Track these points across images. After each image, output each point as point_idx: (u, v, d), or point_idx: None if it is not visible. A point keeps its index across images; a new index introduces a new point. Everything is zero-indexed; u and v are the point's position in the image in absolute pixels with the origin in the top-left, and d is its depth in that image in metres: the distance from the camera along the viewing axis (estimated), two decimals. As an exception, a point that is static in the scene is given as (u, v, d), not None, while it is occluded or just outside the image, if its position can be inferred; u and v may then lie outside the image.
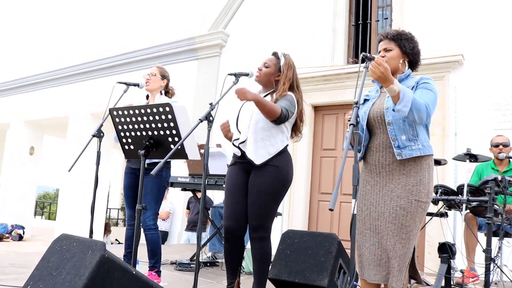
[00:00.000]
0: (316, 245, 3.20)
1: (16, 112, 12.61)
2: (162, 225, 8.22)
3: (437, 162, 4.00)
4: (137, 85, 3.52)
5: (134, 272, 1.79)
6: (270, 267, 3.12)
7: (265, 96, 2.94)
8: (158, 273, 3.47)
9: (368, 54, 2.34)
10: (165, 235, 8.23)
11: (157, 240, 3.48)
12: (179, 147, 2.60)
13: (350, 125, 2.04)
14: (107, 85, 9.98)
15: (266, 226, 2.86)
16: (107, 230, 10.76)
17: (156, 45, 9.20)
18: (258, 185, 2.80)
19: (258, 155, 2.82)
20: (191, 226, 7.82)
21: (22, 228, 11.87)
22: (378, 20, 7.00)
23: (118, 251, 3.55)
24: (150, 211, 3.41)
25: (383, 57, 2.42)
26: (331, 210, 1.77)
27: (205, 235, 6.12)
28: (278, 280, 3.21)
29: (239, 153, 2.90)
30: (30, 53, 13.05)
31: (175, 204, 8.44)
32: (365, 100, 2.55)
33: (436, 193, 3.89)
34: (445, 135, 5.92)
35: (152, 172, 2.31)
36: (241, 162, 2.92)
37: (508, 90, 5.64)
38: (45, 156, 14.14)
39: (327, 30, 7.18)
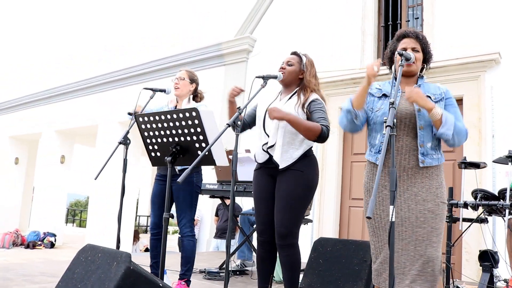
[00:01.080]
0: (350, 253, 3.06)
1: (47, 122, 12.86)
2: (190, 232, 8.17)
3: (476, 165, 3.81)
4: (163, 90, 3.47)
5: (161, 285, 1.70)
6: (301, 275, 3.02)
7: (290, 97, 2.85)
8: (188, 282, 3.39)
9: (404, 52, 2.22)
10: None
11: (192, 248, 3.41)
12: (207, 153, 2.52)
13: (386, 126, 1.92)
14: (135, 93, 10.06)
15: (293, 232, 2.76)
16: (136, 237, 10.79)
17: (183, 52, 9.21)
18: (284, 191, 2.72)
19: (283, 159, 2.74)
20: (220, 233, 7.75)
21: (54, 235, 12.04)
22: (408, 20, 6.80)
23: (147, 259, 3.50)
24: (185, 219, 3.36)
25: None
26: (368, 218, 1.65)
27: (234, 243, 6.03)
28: (311, 291, 3.08)
29: (264, 159, 2.81)
30: (60, 63, 13.31)
31: (203, 211, 8.39)
32: (383, 95, 2.41)
33: (476, 198, 3.69)
34: (482, 138, 5.68)
35: (179, 180, 2.23)
36: (266, 167, 2.84)
37: (548, 89, 5.39)
38: (75, 165, 14.36)
39: (355, 32, 7.03)
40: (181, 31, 9.89)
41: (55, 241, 11.95)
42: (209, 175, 5.80)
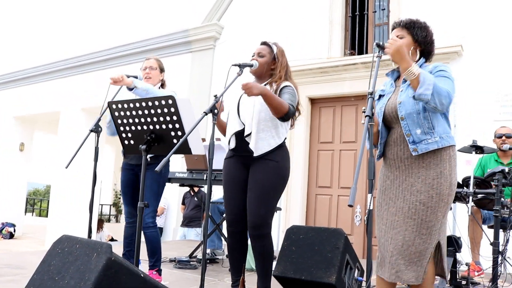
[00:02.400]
0: (322, 240, 3.10)
1: (6, 108, 12.37)
2: (157, 221, 8.10)
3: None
4: (135, 77, 3.39)
5: (142, 275, 1.69)
6: (274, 264, 3.05)
7: (265, 85, 2.85)
8: (159, 271, 3.37)
9: (381, 42, 2.25)
10: (160, 231, 8.12)
11: (156, 239, 3.39)
12: (183, 142, 2.49)
13: (365, 116, 1.95)
14: (100, 79, 9.81)
15: (267, 223, 2.78)
16: (100, 226, 10.61)
17: (149, 38, 9.04)
18: (258, 181, 2.73)
19: (258, 147, 2.74)
20: (187, 221, 7.70)
21: (13, 225, 11.70)
22: (375, 11, 6.90)
23: (115, 249, 3.44)
24: (149, 208, 3.30)
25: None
26: (350, 206, 1.68)
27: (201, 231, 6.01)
28: (284, 278, 3.11)
29: (233, 145, 2.81)
30: (20, 47, 12.81)
31: (169, 200, 8.32)
32: (380, 96, 2.46)
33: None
34: (445, 127, 5.85)
35: (157, 168, 2.20)
36: (239, 155, 2.83)
37: (508, 81, 5.60)
38: (36, 152, 13.92)
39: (323, 21, 7.07)
40: (148, 16, 9.69)
41: (14, 231, 11.63)
42: (178, 164, 5.75)
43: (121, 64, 9.34)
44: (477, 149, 3.73)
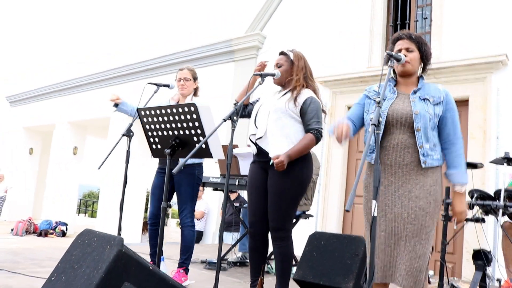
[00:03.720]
0: (343, 247, 3.15)
1: (61, 114, 13.09)
2: (197, 225, 8.29)
3: (473, 166, 3.86)
4: (167, 85, 3.58)
5: (150, 268, 1.82)
6: (295, 267, 3.12)
7: (284, 94, 2.93)
8: (186, 270, 3.51)
9: (393, 53, 2.29)
10: (200, 235, 8.32)
11: (192, 238, 3.53)
12: (204, 147, 2.63)
13: (371, 125, 2.00)
14: (146, 87, 10.23)
15: (285, 227, 2.86)
16: (145, 228, 10.98)
17: (194, 48, 9.33)
18: (276, 187, 2.81)
19: (274, 148, 2.82)
20: (226, 226, 7.86)
21: (65, 224, 12.29)
22: (417, 20, 6.83)
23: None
24: (186, 209, 3.47)
25: (405, 55, 2.35)
26: (347, 211, 1.74)
27: (237, 235, 6.14)
28: (303, 282, 3.18)
29: (255, 151, 2.92)
30: (74, 57, 13.54)
31: (210, 205, 8.52)
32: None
33: (472, 197, 3.75)
34: (486, 138, 5.70)
35: (174, 170, 2.34)
36: (259, 160, 2.94)
37: (554, 92, 5.39)
38: (87, 156, 14.59)
39: (364, 31, 7.07)
40: (192, 26, 10.01)
41: (66, 230, 12.19)
42: (213, 169, 5.91)
43: (167, 73, 9.68)
44: (509, 160, 3.65)
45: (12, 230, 11.80)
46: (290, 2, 8.22)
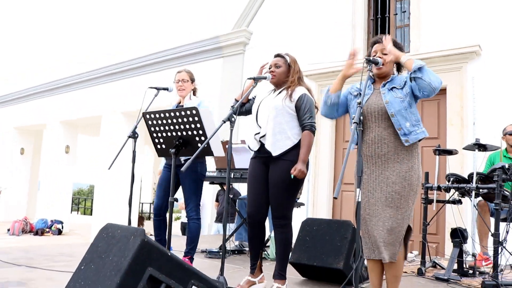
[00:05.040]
0: (333, 231, 3.48)
1: (52, 113, 13.24)
2: (192, 218, 8.64)
3: (449, 152, 4.20)
4: (166, 89, 3.85)
5: (169, 254, 2.12)
6: (291, 251, 3.42)
7: (279, 92, 3.23)
8: (191, 259, 3.81)
9: (371, 58, 2.61)
10: (195, 227, 8.61)
11: (197, 229, 3.81)
12: (206, 146, 2.92)
13: (353, 123, 2.31)
14: (136, 84, 10.46)
15: (286, 215, 3.15)
16: (140, 223, 11.26)
17: (182, 45, 9.57)
18: (277, 179, 3.10)
19: (276, 148, 3.11)
20: (221, 217, 8.17)
21: (61, 223, 12.51)
22: (396, 14, 7.15)
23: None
24: (192, 203, 3.74)
25: (380, 57, 2.68)
26: (335, 198, 2.05)
27: (233, 226, 6.46)
28: (299, 264, 3.51)
29: (256, 147, 3.19)
30: (64, 55, 13.64)
31: (204, 197, 8.81)
32: (358, 94, 2.79)
33: (449, 181, 4.10)
34: (464, 125, 6.07)
35: (182, 169, 2.63)
36: (261, 156, 3.22)
37: (526, 79, 5.76)
38: (79, 154, 14.76)
39: (346, 25, 7.38)
40: (181, 24, 10.23)
41: (62, 228, 12.42)
42: (208, 164, 6.19)
43: (156, 70, 9.93)
44: (480, 147, 3.99)
45: (8, 230, 11.99)
46: (275, -1, 8.49)
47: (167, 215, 3.72)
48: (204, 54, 9.30)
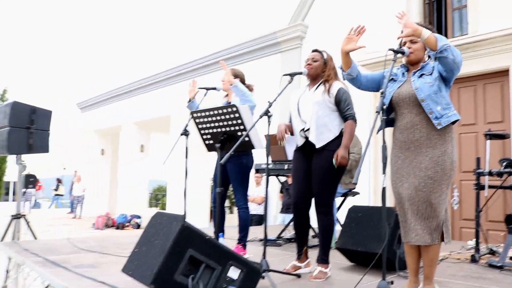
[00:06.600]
0: (377, 218, 3.57)
1: (126, 115, 14.16)
2: (257, 209, 8.96)
3: (500, 136, 4.11)
4: (214, 88, 4.13)
5: (207, 237, 2.37)
6: (336, 238, 3.57)
7: (317, 87, 3.37)
8: (244, 246, 4.07)
9: (396, 48, 2.69)
10: (260, 218, 8.90)
11: (246, 217, 4.07)
12: (247, 140, 3.16)
13: (376, 112, 2.43)
14: (200, 84, 10.93)
15: (327, 203, 3.31)
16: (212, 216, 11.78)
17: (240, 43, 9.88)
18: (319, 169, 3.27)
19: (319, 140, 3.28)
20: (286, 208, 8.38)
21: (139, 217, 13.38)
22: (453, -5, 6.96)
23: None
24: (239, 193, 4.02)
25: (409, 48, 2.74)
26: (355, 184, 2.19)
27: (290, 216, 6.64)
28: (344, 249, 3.66)
29: (303, 142, 3.37)
30: (135, 60, 14.52)
31: (269, 189, 9.06)
32: (392, 79, 2.86)
33: (502, 166, 4.01)
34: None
35: (221, 161, 2.88)
36: (304, 148, 3.39)
37: None
38: (153, 153, 15.63)
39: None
40: (238, 23, 10.55)
41: (140, 222, 13.28)
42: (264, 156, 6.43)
43: (218, 69, 10.32)
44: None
45: (93, 225, 13.04)
46: (328, -9, 8.52)
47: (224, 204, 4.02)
48: (262, 51, 9.54)
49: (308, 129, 3.33)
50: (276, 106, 3.38)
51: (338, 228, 4.13)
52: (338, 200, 5.07)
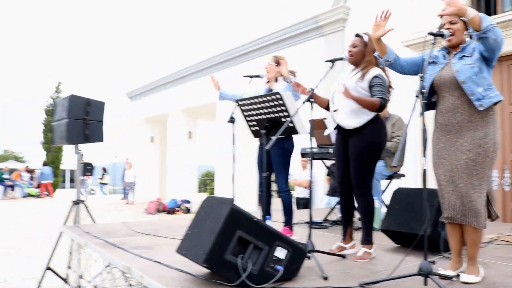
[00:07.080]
0: (421, 199, 3.59)
1: (174, 103, 14.55)
2: (303, 193, 9.08)
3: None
4: (258, 76, 4.25)
5: (255, 219, 2.51)
6: (380, 219, 3.63)
7: (356, 73, 3.40)
8: (291, 227, 4.21)
9: (435, 31, 2.70)
10: (308, 201, 9.02)
11: (289, 200, 4.21)
12: (291, 125, 3.27)
13: (416, 96, 2.47)
14: (243, 71, 11.07)
15: (364, 184, 3.37)
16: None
17: (283, 28, 9.91)
18: (354, 152, 3.33)
19: (348, 123, 3.32)
20: (333, 191, 8.45)
21: (189, 202, 13.81)
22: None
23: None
24: (281, 177, 4.15)
25: (448, 29, 2.74)
26: (394, 167, 2.26)
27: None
28: (388, 231, 3.72)
29: (333, 126, 3.44)
30: (180, 49, 14.86)
31: (316, 173, 9.13)
32: (433, 62, 2.86)
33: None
34: None
35: (266, 147, 3.01)
36: (341, 132, 3.46)
37: None
38: (200, 139, 16.01)
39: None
40: (280, 8, 10.59)
41: (190, 207, 13.72)
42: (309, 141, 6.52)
43: (260, 55, 10.42)
44: None
45: (145, 210, 13.58)
46: (371, -29, 8.39)
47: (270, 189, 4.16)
48: (305, 35, 9.54)
49: (336, 110, 3.38)
50: (319, 92, 3.45)
51: (384, 210, 4.19)
52: (384, 183, 5.11)
